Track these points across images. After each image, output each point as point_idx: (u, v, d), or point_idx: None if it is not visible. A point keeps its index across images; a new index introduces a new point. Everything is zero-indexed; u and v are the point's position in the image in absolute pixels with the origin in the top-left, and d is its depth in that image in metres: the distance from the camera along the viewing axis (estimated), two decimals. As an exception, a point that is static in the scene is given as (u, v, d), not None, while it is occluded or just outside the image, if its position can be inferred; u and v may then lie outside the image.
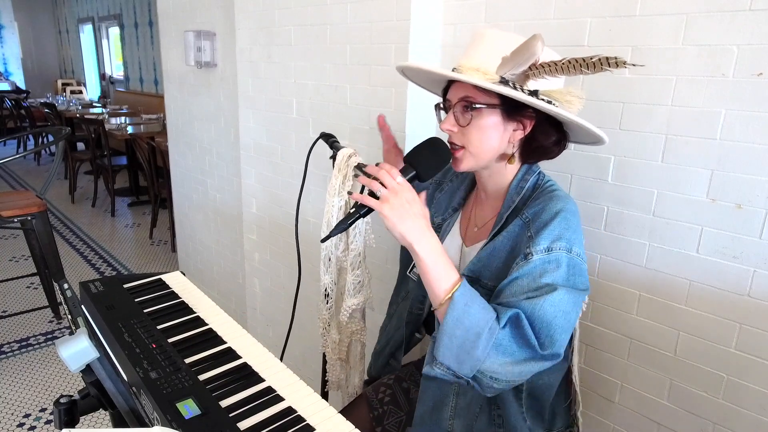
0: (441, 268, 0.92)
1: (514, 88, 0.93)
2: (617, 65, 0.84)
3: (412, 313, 1.23)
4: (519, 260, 0.94)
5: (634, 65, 0.86)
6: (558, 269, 0.91)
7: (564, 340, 0.90)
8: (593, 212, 1.36)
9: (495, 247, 1.01)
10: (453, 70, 0.99)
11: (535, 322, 0.88)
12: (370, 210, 0.99)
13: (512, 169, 1.04)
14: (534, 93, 0.94)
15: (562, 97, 0.95)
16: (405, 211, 0.89)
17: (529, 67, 0.91)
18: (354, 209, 1.00)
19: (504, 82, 0.93)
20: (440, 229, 1.18)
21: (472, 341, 0.86)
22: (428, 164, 1.02)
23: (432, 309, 0.96)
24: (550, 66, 0.90)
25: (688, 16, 1.14)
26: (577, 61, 0.87)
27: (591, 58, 0.85)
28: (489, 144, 0.99)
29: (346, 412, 1.29)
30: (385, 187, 0.91)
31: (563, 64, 0.88)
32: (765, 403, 1.17)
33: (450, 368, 0.90)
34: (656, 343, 1.32)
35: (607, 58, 0.84)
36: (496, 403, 1.06)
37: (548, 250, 0.92)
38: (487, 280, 1.02)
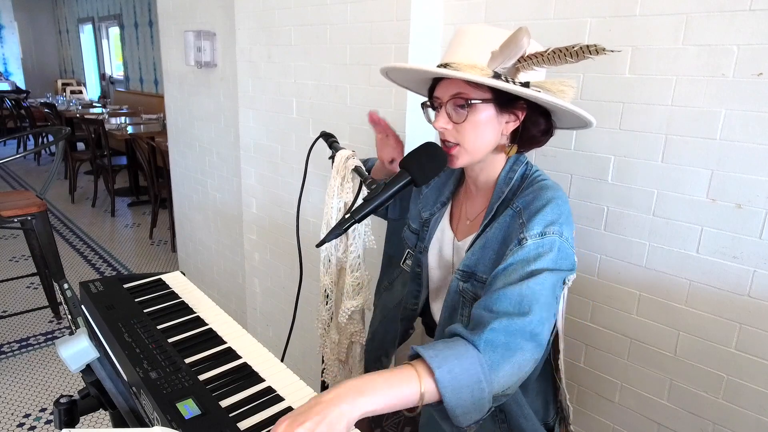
0: (400, 386, 0.79)
1: (507, 81, 0.94)
2: (597, 52, 0.86)
3: (407, 309, 1.23)
4: (513, 246, 0.95)
5: (612, 51, 0.89)
6: (550, 252, 0.92)
7: (543, 318, 0.89)
8: (593, 212, 1.36)
9: (487, 239, 1.01)
10: (440, 67, 0.99)
11: (524, 302, 0.88)
12: (366, 215, 0.99)
13: (501, 160, 1.05)
14: (526, 85, 0.95)
15: (554, 87, 0.96)
16: (318, 421, 0.70)
17: (518, 60, 0.93)
18: (349, 215, 1.00)
19: (497, 76, 0.94)
20: (428, 224, 1.18)
21: (479, 392, 0.83)
22: (424, 170, 1.02)
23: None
24: (537, 57, 0.92)
25: (688, 16, 1.14)
26: (561, 51, 0.89)
27: (573, 47, 0.88)
28: (485, 139, 1.00)
29: None
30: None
31: (549, 54, 0.91)
32: (765, 403, 1.17)
33: (477, 421, 0.86)
34: (656, 343, 1.32)
35: (587, 46, 0.86)
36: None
37: (542, 235, 0.93)
38: (481, 273, 1.02)
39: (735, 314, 1.18)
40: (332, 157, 1.26)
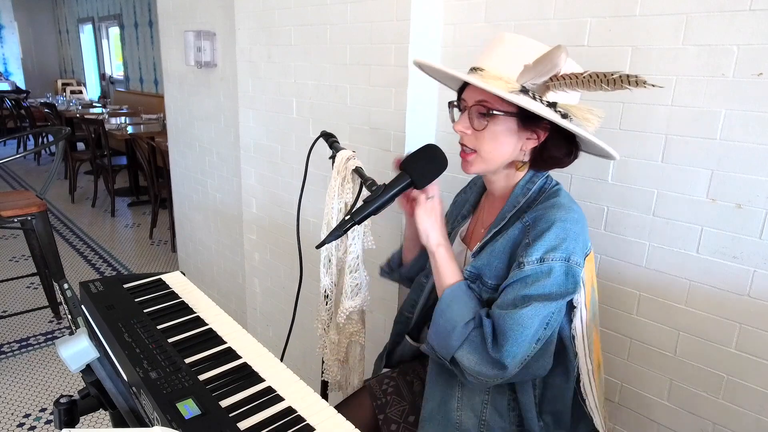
0: (450, 270, 1.03)
1: (534, 98, 0.92)
2: (637, 84, 0.82)
3: (402, 314, 1.24)
4: (514, 266, 0.97)
5: (653, 86, 0.84)
6: (549, 277, 0.93)
7: (515, 353, 0.92)
8: (593, 212, 1.36)
9: (495, 248, 1.02)
10: (471, 70, 0.98)
11: (497, 330, 0.94)
12: (366, 216, 1.00)
13: (521, 172, 1.05)
14: (552, 105, 0.93)
15: (580, 114, 0.93)
16: (436, 219, 1.04)
17: (550, 78, 0.90)
18: (349, 216, 1.00)
19: (524, 91, 0.92)
20: (449, 236, 1.18)
21: (448, 332, 0.98)
22: (424, 172, 1.02)
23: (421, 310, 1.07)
24: (571, 79, 0.89)
25: (688, 16, 1.14)
26: (597, 76, 0.86)
27: (612, 74, 0.84)
28: (502, 150, 0.99)
29: (348, 401, 1.29)
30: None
31: (584, 78, 0.87)
32: (765, 403, 1.17)
33: (433, 349, 1.02)
34: (656, 343, 1.32)
35: (627, 76, 0.83)
36: (509, 398, 1.07)
37: (540, 261, 0.93)
38: (488, 278, 1.03)
39: (735, 314, 1.18)
40: (333, 158, 1.26)
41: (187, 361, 0.92)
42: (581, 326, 1.07)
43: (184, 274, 1.26)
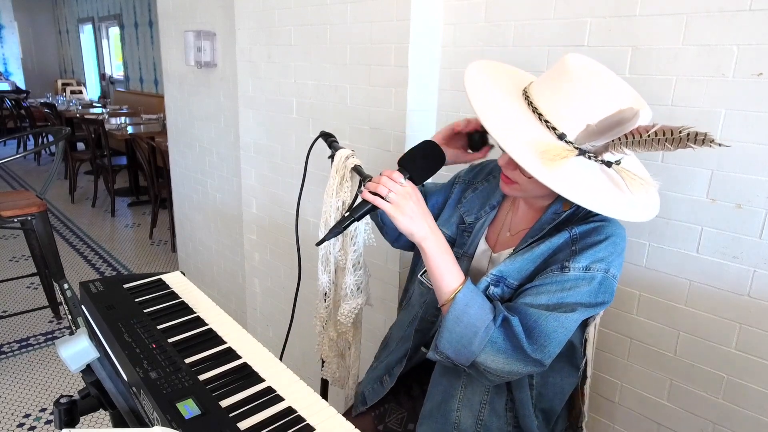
0: (447, 267, 0.98)
1: (589, 158, 0.90)
2: (704, 143, 0.78)
3: (426, 321, 1.18)
4: (554, 269, 0.95)
5: (720, 145, 0.78)
6: (589, 285, 0.93)
7: (555, 352, 0.94)
8: (593, 212, 1.36)
9: (533, 254, 1.00)
10: (525, 97, 0.95)
11: (535, 330, 0.92)
12: (365, 213, 0.99)
13: None
14: (608, 164, 0.91)
15: (627, 178, 0.90)
16: (413, 212, 0.96)
17: (612, 140, 0.86)
18: (348, 213, 1.00)
19: (581, 152, 0.90)
20: (472, 228, 1.15)
21: (469, 338, 0.93)
22: (422, 169, 1.02)
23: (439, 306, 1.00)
24: (634, 137, 0.84)
25: (688, 16, 1.14)
26: (664, 134, 0.81)
27: (679, 131, 0.79)
28: (543, 191, 0.99)
29: (348, 411, 1.28)
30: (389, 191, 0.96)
31: (647, 138, 0.82)
32: (765, 403, 1.17)
33: (449, 357, 0.97)
34: (656, 343, 1.32)
35: (696, 134, 0.78)
36: (507, 398, 1.07)
37: (586, 269, 0.94)
38: (513, 279, 1.01)
39: (735, 314, 1.18)
40: (332, 157, 1.26)
41: (187, 361, 0.91)
42: (594, 331, 1.08)
43: (184, 274, 1.26)
